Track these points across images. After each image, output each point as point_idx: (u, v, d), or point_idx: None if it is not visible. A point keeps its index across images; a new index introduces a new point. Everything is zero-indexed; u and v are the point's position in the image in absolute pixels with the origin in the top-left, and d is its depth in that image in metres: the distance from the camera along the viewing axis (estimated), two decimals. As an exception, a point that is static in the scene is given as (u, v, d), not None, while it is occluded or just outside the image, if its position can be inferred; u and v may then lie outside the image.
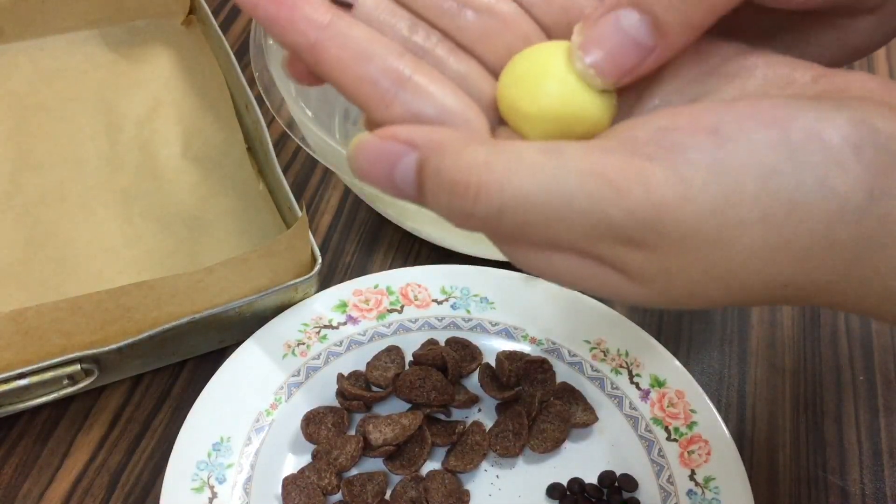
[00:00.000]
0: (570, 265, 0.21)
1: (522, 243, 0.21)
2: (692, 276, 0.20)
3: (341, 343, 0.48)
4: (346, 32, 0.22)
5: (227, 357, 0.45)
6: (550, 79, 0.22)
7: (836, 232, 0.19)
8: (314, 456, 0.43)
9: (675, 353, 0.47)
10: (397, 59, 0.22)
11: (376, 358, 0.47)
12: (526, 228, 0.20)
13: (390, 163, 0.20)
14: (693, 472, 0.42)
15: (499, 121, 0.24)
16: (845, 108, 0.19)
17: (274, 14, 0.22)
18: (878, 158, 0.19)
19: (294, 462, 0.44)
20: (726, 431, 0.43)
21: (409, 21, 0.24)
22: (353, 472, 0.43)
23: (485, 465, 0.44)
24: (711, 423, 0.44)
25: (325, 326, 0.48)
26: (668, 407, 0.45)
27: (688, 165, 0.19)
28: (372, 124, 0.22)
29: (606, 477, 0.43)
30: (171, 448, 0.42)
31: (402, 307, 0.49)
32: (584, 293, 0.23)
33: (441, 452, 0.44)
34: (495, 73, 0.24)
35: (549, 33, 0.24)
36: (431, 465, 0.44)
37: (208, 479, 0.41)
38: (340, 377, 0.45)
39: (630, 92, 0.23)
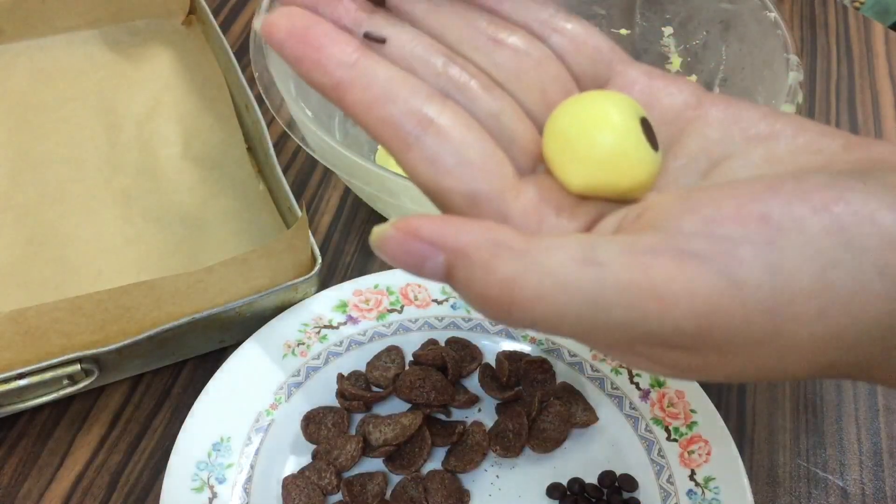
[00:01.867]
0: (607, 353, 0.21)
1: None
2: (735, 369, 0.19)
3: (341, 343, 0.48)
4: (371, 72, 0.22)
5: (227, 357, 0.45)
6: (605, 129, 0.21)
7: (892, 317, 0.18)
8: (314, 456, 0.43)
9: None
10: (422, 102, 0.22)
11: (376, 358, 0.47)
12: (563, 334, 0.19)
13: (417, 262, 0.19)
14: (693, 472, 0.42)
15: (532, 166, 0.23)
16: (887, 187, 0.19)
17: (300, 54, 0.22)
18: None
19: (294, 462, 0.44)
20: (726, 431, 0.43)
21: (445, 57, 0.23)
22: (353, 472, 0.43)
23: (485, 465, 0.44)
24: (711, 423, 0.44)
25: (325, 326, 0.48)
26: (668, 407, 0.45)
27: (740, 266, 0.18)
28: (398, 162, 0.22)
29: (606, 477, 0.43)
30: (171, 448, 0.42)
31: (402, 307, 0.49)
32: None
33: (441, 452, 0.44)
34: (529, 113, 0.24)
35: (578, 82, 0.24)
36: (431, 465, 0.44)
37: (208, 479, 0.41)
38: (340, 377, 0.45)
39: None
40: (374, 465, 0.44)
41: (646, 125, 0.22)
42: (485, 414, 0.46)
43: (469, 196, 0.21)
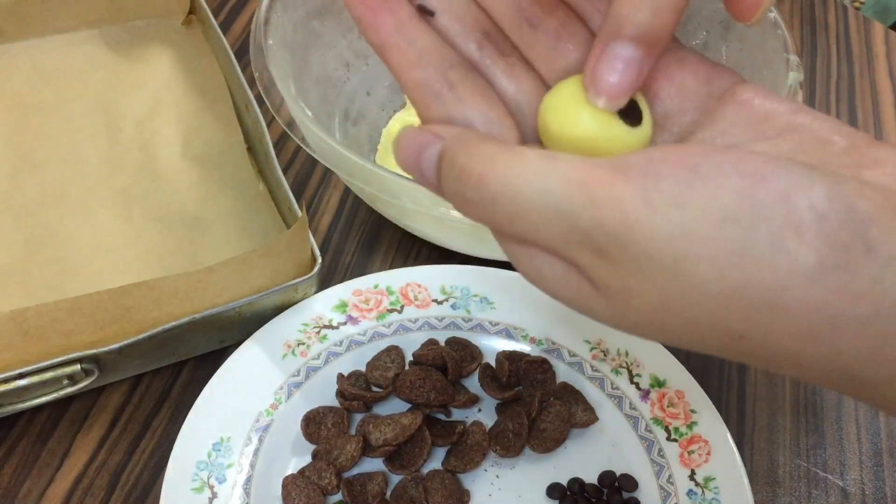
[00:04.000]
0: (552, 268, 0.23)
1: (513, 237, 0.23)
2: (650, 301, 0.21)
3: (341, 343, 0.48)
4: (411, 38, 0.25)
5: (227, 357, 0.45)
6: (584, 110, 0.23)
7: (785, 295, 0.20)
8: (314, 456, 0.43)
9: (675, 353, 0.47)
10: (448, 69, 0.25)
11: (376, 358, 0.47)
12: (515, 220, 0.22)
13: (419, 150, 0.23)
14: (693, 472, 0.42)
15: (537, 141, 0.25)
16: (833, 183, 0.20)
17: (361, 15, 0.25)
18: (839, 233, 0.19)
19: (294, 462, 0.44)
20: (726, 431, 0.43)
21: (482, 33, 0.26)
22: (353, 472, 0.43)
23: (485, 465, 0.44)
24: (711, 423, 0.44)
25: (325, 326, 0.48)
26: (668, 407, 0.45)
27: (656, 192, 0.20)
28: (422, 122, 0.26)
29: (606, 477, 0.43)
30: (171, 448, 0.42)
31: (402, 307, 0.49)
32: (560, 302, 0.24)
33: (441, 452, 0.44)
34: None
35: None
36: (431, 465, 0.44)
37: (208, 479, 0.41)
38: (340, 377, 0.45)
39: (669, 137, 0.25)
40: (374, 465, 0.44)
41: (628, 105, 0.23)
42: (485, 414, 0.46)
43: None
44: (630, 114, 0.23)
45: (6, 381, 0.41)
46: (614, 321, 0.23)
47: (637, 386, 0.46)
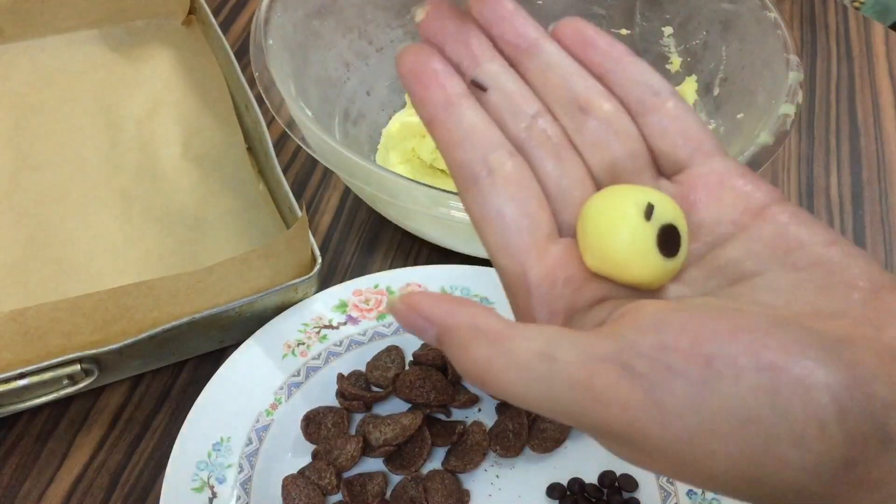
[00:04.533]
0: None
1: None
2: (666, 471, 0.21)
3: (341, 343, 0.48)
4: (458, 116, 0.25)
5: (227, 357, 0.45)
6: (624, 229, 0.23)
7: (805, 490, 0.20)
8: (314, 456, 0.43)
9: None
10: (490, 153, 0.25)
11: (376, 358, 0.47)
12: (525, 407, 0.22)
13: (419, 329, 0.23)
14: (693, 472, 0.42)
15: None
16: (850, 366, 0.19)
17: (412, 87, 0.26)
18: (860, 427, 0.19)
19: (294, 462, 0.44)
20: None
21: (533, 114, 0.26)
22: (353, 472, 0.43)
23: (485, 465, 0.44)
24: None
25: (325, 326, 0.48)
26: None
27: (669, 394, 0.20)
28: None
29: (606, 477, 0.43)
30: (171, 448, 0.42)
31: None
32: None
33: (441, 452, 0.44)
34: (596, 181, 0.26)
35: (657, 160, 0.26)
36: (431, 465, 0.44)
37: (208, 479, 0.41)
38: (340, 377, 0.45)
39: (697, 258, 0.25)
40: (374, 465, 0.44)
41: (666, 232, 0.23)
42: (485, 414, 0.46)
43: (501, 243, 0.25)
44: (669, 243, 0.23)
45: (6, 381, 0.41)
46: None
47: (637, 386, 0.46)
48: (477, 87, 0.26)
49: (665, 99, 0.26)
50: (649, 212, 0.23)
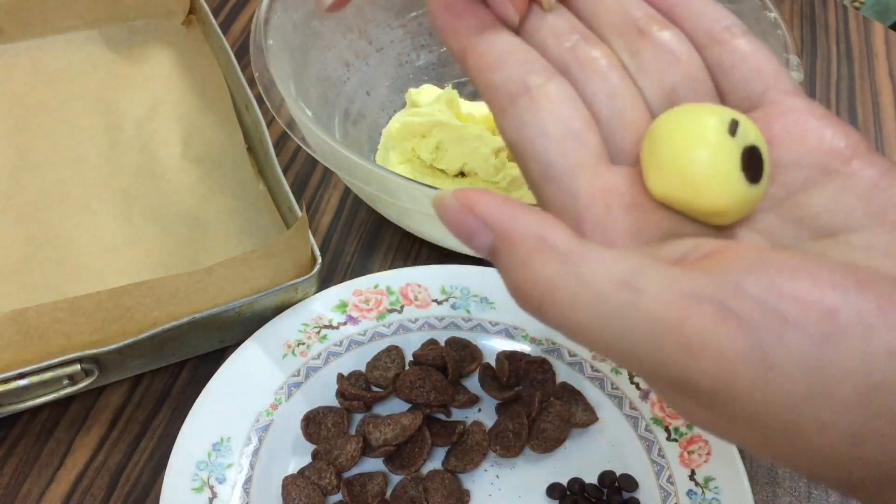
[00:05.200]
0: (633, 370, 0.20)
1: None
2: (743, 436, 0.18)
3: (341, 343, 0.48)
4: (491, 41, 0.23)
5: (227, 357, 0.45)
6: (692, 143, 0.20)
7: None
8: (314, 456, 0.43)
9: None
10: (527, 73, 0.22)
11: (376, 358, 0.47)
12: (586, 346, 0.19)
13: (468, 234, 0.20)
14: (693, 472, 0.42)
15: (633, 159, 0.22)
16: None
17: (443, 20, 0.23)
18: None
19: (294, 462, 0.44)
20: (726, 431, 0.43)
21: (580, 36, 0.23)
22: (353, 472, 0.43)
23: (485, 465, 0.44)
24: (711, 423, 0.43)
25: (325, 326, 0.48)
26: (668, 407, 0.45)
27: (780, 348, 0.16)
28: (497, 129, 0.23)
29: (606, 477, 0.43)
30: (171, 448, 0.42)
31: (402, 307, 0.49)
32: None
33: (441, 452, 0.44)
34: (650, 107, 0.23)
35: (723, 97, 0.23)
36: (431, 465, 0.44)
37: (208, 479, 0.41)
38: (340, 377, 0.45)
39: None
40: (374, 465, 0.44)
41: (751, 154, 0.20)
42: (485, 414, 0.46)
43: (543, 167, 0.21)
44: (753, 167, 0.20)
45: (6, 381, 0.41)
46: (699, 427, 0.20)
47: (637, 386, 0.46)
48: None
49: (737, 34, 0.23)
50: (734, 127, 0.20)
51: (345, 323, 0.48)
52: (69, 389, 0.43)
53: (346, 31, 0.58)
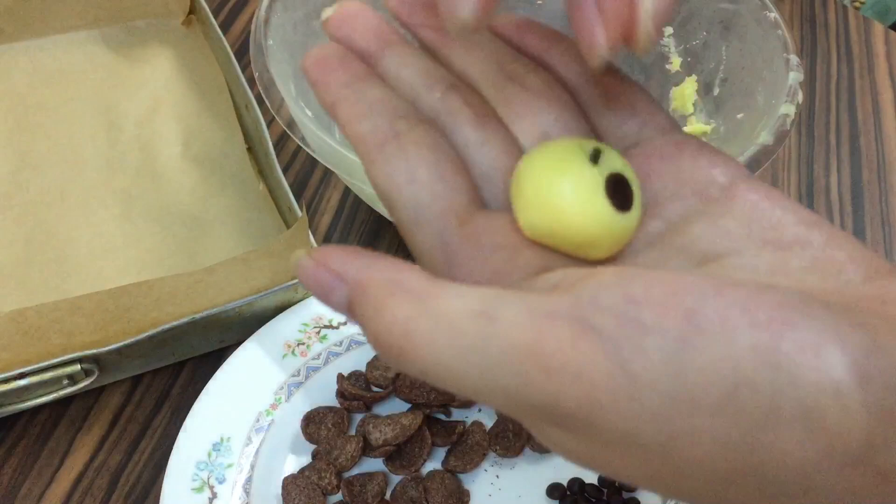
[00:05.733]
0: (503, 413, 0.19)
1: None
2: (623, 466, 0.17)
3: (341, 343, 0.48)
4: (362, 92, 0.22)
5: (227, 357, 0.45)
6: (567, 179, 0.20)
7: (814, 478, 0.16)
8: (314, 456, 0.43)
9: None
10: (398, 119, 0.22)
11: (376, 358, 0.47)
12: (453, 390, 0.17)
13: (326, 291, 0.19)
14: (693, 472, 0.42)
15: (504, 206, 0.22)
16: (865, 328, 0.16)
17: (316, 77, 0.23)
18: (886, 400, 0.15)
19: (294, 462, 0.44)
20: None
21: (449, 85, 0.23)
22: (353, 472, 0.43)
23: (485, 465, 0.44)
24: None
25: (325, 326, 0.48)
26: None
27: (640, 355, 0.15)
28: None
29: (606, 477, 0.43)
30: (171, 448, 0.42)
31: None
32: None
33: (441, 452, 0.44)
34: (524, 151, 0.23)
35: (604, 140, 0.23)
36: (431, 465, 0.44)
37: (208, 479, 0.41)
38: (340, 377, 0.45)
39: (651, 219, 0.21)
40: (374, 465, 0.44)
41: (616, 181, 0.20)
42: (485, 414, 0.46)
43: (412, 213, 0.21)
44: (619, 194, 0.20)
45: (6, 381, 0.41)
46: (579, 464, 0.19)
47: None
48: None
49: (609, 73, 0.23)
50: (595, 156, 0.20)
51: (345, 323, 0.48)
52: (69, 389, 0.43)
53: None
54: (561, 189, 0.20)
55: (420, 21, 0.24)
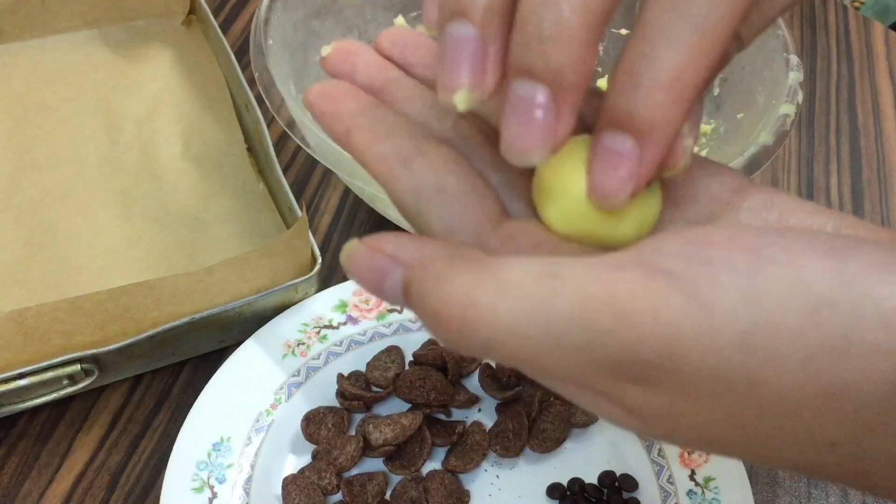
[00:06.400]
0: (567, 392, 0.19)
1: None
2: (706, 421, 0.17)
3: (341, 343, 0.48)
4: (380, 116, 0.23)
5: (227, 357, 0.45)
6: (579, 172, 0.20)
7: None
8: (314, 456, 0.43)
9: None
10: (416, 140, 0.22)
11: (376, 358, 0.47)
12: (518, 362, 0.17)
13: (379, 277, 0.19)
14: (693, 472, 0.42)
15: (528, 213, 0.23)
16: None
17: (321, 107, 0.23)
18: None
19: (294, 462, 0.44)
20: (726, 431, 0.43)
21: (463, 112, 0.23)
22: (353, 472, 0.43)
23: (485, 465, 0.44)
24: (711, 423, 0.43)
25: (325, 326, 0.48)
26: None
27: (715, 288, 0.16)
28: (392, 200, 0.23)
29: (606, 477, 0.43)
30: (171, 448, 0.42)
31: (403, 307, 0.49)
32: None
33: (441, 452, 0.44)
34: None
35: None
36: (431, 465, 0.44)
37: (208, 479, 0.41)
38: (340, 377, 0.45)
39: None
40: (374, 465, 0.44)
41: None
42: (485, 414, 0.46)
43: (446, 223, 0.21)
44: None
45: (6, 381, 0.41)
46: (654, 438, 0.19)
47: (637, 386, 0.46)
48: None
49: None
50: None
51: (345, 323, 0.48)
52: (69, 389, 0.43)
53: (347, 31, 0.58)
54: (584, 174, 0.20)
55: (415, 61, 0.25)
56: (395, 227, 0.55)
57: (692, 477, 0.42)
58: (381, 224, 0.56)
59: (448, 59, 0.19)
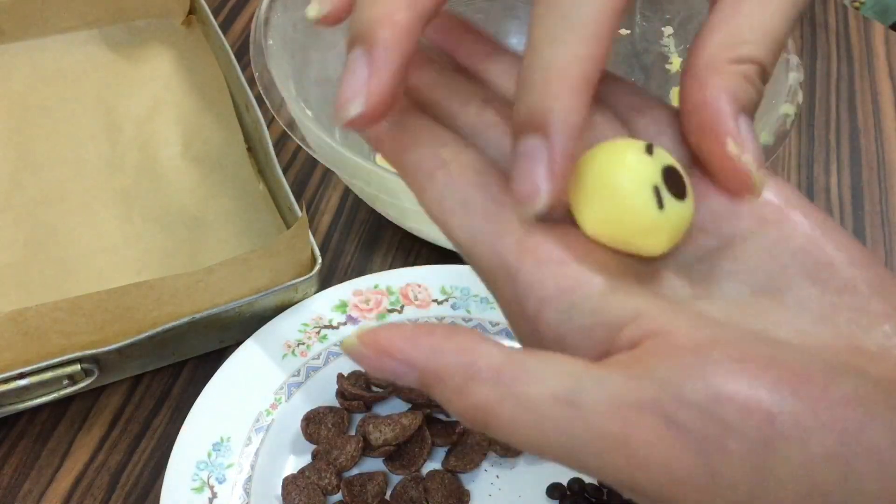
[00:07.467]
0: None
1: None
2: None
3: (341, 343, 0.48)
4: (404, 121, 0.23)
5: (227, 357, 0.45)
6: (622, 166, 0.21)
7: None
8: (314, 456, 0.43)
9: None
10: (441, 146, 0.23)
11: (376, 358, 0.47)
12: (538, 456, 0.19)
13: (393, 377, 0.20)
14: (693, 472, 0.42)
15: (563, 214, 0.22)
16: None
17: (375, 134, 0.23)
18: None
19: (294, 462, 0.44)
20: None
21: (488, 97, 0.24)
22: (353, 472, 0.43)
23: (485, 465, 0.44)
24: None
25: (326, 326, 0.48)
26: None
27: (724, 457, 0.17)
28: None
29: None
30: (171, 448, 0.42)
31: (402, 307, 0.49)
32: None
33: (441, 452, 0.44)
34: None
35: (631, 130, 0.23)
36: (431, 465, 0.44)
37: (208, 479, 0.41)
38: (340, 377, 0.45)
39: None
40: (374, 465, 0.44)
41: (673, 172, 0.21)
42: (485, 414, 0.46)
43: (469, 234, 0.22)
44: (676, 183, 0.21)
45: (6, 381, 0.41)
46: None
47: (637, 386, 0.46)
48: None
49: (651, 101, 0.24)
50: (649, 149, 0.21)
51: (345, 323, 0.48)
52: (69, 389, 0.43)
53: (346, 31, 0.58)
54: (622, 178, 0.20)
55: (456, 44, 0.25)
56: (396, 227, 0.55)
57: (692, 477, 0.42)
58: (381, 224, 0.56)
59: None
